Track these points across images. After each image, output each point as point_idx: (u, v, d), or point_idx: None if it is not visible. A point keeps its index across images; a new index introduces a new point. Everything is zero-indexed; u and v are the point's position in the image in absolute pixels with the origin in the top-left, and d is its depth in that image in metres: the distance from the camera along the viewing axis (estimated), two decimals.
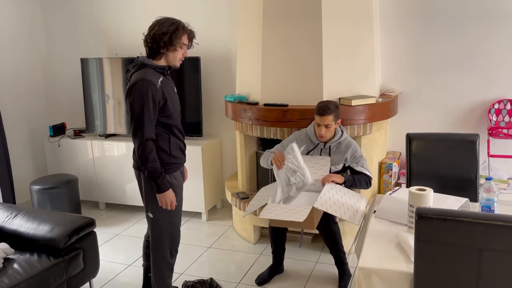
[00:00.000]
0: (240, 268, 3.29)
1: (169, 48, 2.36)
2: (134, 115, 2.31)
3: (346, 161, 2.95)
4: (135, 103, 2.29)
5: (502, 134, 3.51)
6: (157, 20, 2.40)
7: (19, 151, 4.56)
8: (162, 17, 2.42)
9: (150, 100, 2.28)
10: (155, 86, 2.31)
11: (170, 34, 2.33)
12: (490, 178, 2.12)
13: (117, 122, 4.40)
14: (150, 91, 2.28)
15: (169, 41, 2.34)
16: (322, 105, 2.86)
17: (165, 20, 2.38)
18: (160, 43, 2.34)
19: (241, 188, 3.87)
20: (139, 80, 2.29)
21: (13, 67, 4.47)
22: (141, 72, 2.35)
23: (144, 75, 2.31)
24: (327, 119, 2.83)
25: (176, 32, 2.34)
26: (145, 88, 2.28)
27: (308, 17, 3.31)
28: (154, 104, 2.31)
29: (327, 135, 2.89)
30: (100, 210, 4.54)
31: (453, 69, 3.65)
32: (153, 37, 2.34)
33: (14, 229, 2.76)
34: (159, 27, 2.34)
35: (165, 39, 2.33)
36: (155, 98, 2.31)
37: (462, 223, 1.54)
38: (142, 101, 2.28)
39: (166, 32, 2.32)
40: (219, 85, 4.28)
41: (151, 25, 2.40)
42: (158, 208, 2.47)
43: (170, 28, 2.33)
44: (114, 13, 4.52)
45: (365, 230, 2.29)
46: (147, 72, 2.34)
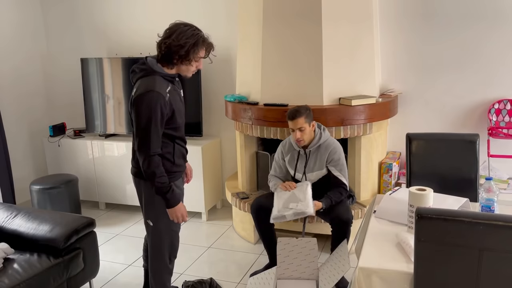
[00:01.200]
0: (240, 268, 3.29)
1: (184, 61, 2.21)
2: (140, 130, 2.16)
3: (327, 163, 2.96)
4: (142, 117, 2.14)
5: (502, 134, 3.51)
6: (176, 26, 2.20)
7: (19, 151, 4.56)
8: (181, 22, 2.21)
9: (158, 114, 2.14)
10: (164, 99, 2.15)
11: (188, 48, 2.16)
12: (490, 178, 2.12)
13: (117, 122, 4.40)
14: (158, 105, 2.13)
15: (185, 55, 2.18)
16: (291, 110, 2.89)
17: (185, 29, 2.17)
18: (175, 55, 2.18)
19: (241, 188, 3.87)
20: (148, 92, 2.13)
21: (13, 67, 4.48)
22: (149, 80, 2.18)
23: (153, 86, 2.15)
24: (298, 122, 2.84)
25: (194, 46, 2.18)
26: (154, 102, 2.12)
27: (308, 17, 3.31)
28: (162, 118, 2.17)
29: (304, 138, 2.90)
30: (100, 210, 4.54)
31: (453, 69, 3.65)
32: (168, 46, 2.16)
33: (14, 229, 2.76)
34: (176, 37, 2.15)
35: (181, 53, 2.17)
36: (163, 112, 2.16)
37: (462, 223, 1.54)
38: (150, 116, 2.13)
39: (183, 45, 2.15)
40: (219, 85, 4.28)
41: (168, 30, 2.20)
42: (159, 216, 2.38)
43: (188, 41, 2.16)
44: (114, 13, 4.52)
45: (365, 230, 2.29)
46: (156, 82, 2.17)
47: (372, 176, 3.59)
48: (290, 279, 2.86)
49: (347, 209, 2.90)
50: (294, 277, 2.84)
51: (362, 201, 3.52)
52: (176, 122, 2.29)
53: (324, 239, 3.61)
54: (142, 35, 4.45)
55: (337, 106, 3.33)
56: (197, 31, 2.23)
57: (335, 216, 2.84)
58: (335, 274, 2.61)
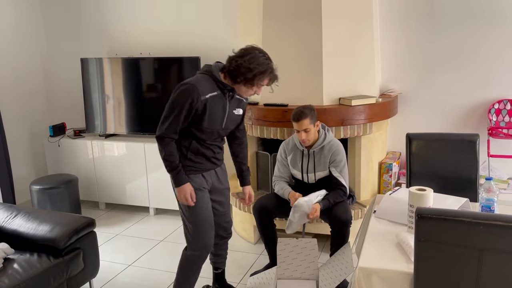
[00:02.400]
0: (240, 268, 3.29)
1: (246, 83, 2.29)
2: (165, 111, 2.31)
3: (329, 164, 2.96)
4: (171, 101, 2.28)
5: (502, 134, 3.51)
6: (252, 49, 2.29)
7: (19, 151, 4.56)
8: (257, 48, 2.30)
9: (184, 106, 2.24)
10: (198, 96, 2.24)
11: (255, 73, 2.25)
12: (490, 178, 2.12)
13: (117, 122, 4.40)
14: (189, 98, 2.23)
15: (250, 79, 2.26)
16: (296, 111, 2.88)
17: (259, 55, 2.27)
18: (241, 76, 2.26)
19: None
20: (187, 83, 2.25)
21: (13, 67, 4.48)
22: (198, 76, 2.31)
23: (196, 82, 2.26)
24: (303, 124, 2.83)
25: (261, 74, 2.27)
26: (186, 93, 2.23)
27: (308, 17, 3.31)
28: (187, 111, 2.27)
29: (308, 138, 2.90)
30: (100, 210, 4.54)
31: (453, 69, 3.65)
32: (238, 65, 2.24)
33: (14, 229, 2.76)
34: (249, 60, 2.24)
35: (248, 76, 2.25)
36: (192, 106, 2.26)
37: (462, 223, 1.54)
38: (176, 103, 2.25)
39: (252, 69, 2.23)
40: None
41: (244, 50, 2.28)
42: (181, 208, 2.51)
43: (258, 68, 2.24)
44: (114, 13, 4.52)
45: (365, 230, 2.29)
46: (202, 80, 2.29)
47: (372, 176, 3.59)
48: (290, 279, 2.86)
49: (346, 209, 2.90)
50: (294, 277, 2.85)
51: (362, 201, 3.52)
52: (202, 125, 2.34)
53: (324, 239, 3.61)
54: (142, 35, 4.45)
55: (337, 106, 3.33)
56: (269, 60, 2.31)
57: (334, 217, 2.84)
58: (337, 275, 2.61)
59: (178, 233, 3.89)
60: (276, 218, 3.13)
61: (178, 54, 4.33)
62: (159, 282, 3.15)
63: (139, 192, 4.31)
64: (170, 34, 4.36)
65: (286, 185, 3.08)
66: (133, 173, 4.28)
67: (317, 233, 3.50)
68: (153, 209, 4.37)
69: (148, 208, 4.40)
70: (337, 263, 2.70)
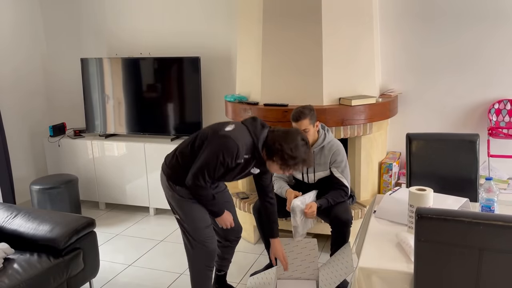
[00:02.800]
0: (240, 268, 3.29)
1: (282, 166, 2.28)
2: (205, 158, 2.28)
3: (330, 164, 2.96)
4: (214, 154, 2.25)
5: (502, 134, 3.51)
6: (295, 134, 2.29)
7: (19, 151, 4.56)
8: (300, 133, 2.30)
9: (225, 164, 2.26)
10: (238, 159, 2.27)
11: (296, 162, 2.25)
12: (490, 178, 2.12)
13: (117, 122, 4.40)
14: (230, 157, 2.24)
15: (288, 165, 2.27)
16: (296, 111, 2.87)
17: (301, 143, 2.27)
18: (281, 160, 2.25)
19: (241, 188, 3.87)
20: (234, 142, 2.23)
21: (13, 67, 4.48)
22: (245, 137, 2.29)
23: (242, 143, 2.26)
24: (303, 124, 2.83)
25: (302, 163, 2.28)
26: (231, 153, 2.23)
27: (308, 17, 3.31)
28: (225, 167, 2.29)
29: (308, 138, 2.89)
30: (100, 210, 4.54)
31: (453, 69, 3.65)
32: (280, 150, 2.23)
33: (14, 229, 2.76)
34: (293, 148, 2.23)
35: (289, 163, 2.25)
36: (229, 164, 2.28)
37: (462, 223, 1.54)
38: (219, 159, 2.24)
39: (294, 157, 2.23)
40: (219, 85, 4.28)
41: (287, 134, 2.27)
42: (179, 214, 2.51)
43: (299, 158, 2.25)
44: (114, 13, 4.52)
45: (365, 230, 2.29)
46: (246, 144, 2.28)
47: (372, 176, 3.59)
48: (290, 279, 2.86)
49: (347, 209, 2.89)
50: (294, 277, 2.85)
51: (362, 201, 3.52)
52: (225, 174, 2.38)
53: (324, 239, 3.61)
54: (142, 35, 4.45)
55: (337, 106, 3.33)
56: (308, 148, 2.31)
57: (334, 217, 2.84)
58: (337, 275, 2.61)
59: (178, 233, 3.89)
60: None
61: (178, 54, 4.33)
62: (159, 282, 3.15)
63: (139, 192, 4.31)
64: (170, 34, 4.36)
65: (284, 184, 3.09)
66: (133, 173, 4.28)
67: (317, 233, 3.50)
68: (153, 209, 4.37)
69: (148, 208, 4.40)
70: (337, 263, 2.70)
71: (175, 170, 2.44)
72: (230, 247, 2.80)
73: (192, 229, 2.48)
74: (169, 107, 4.23)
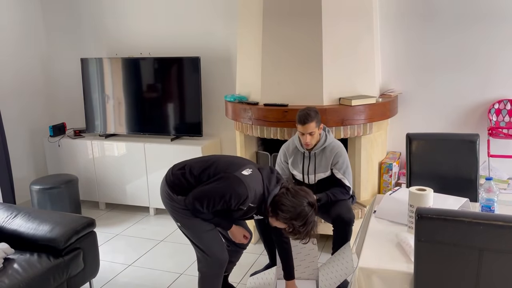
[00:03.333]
0: (240, 268, 3.29)
1: (284, 224, 2.24)
2: (213, 191, 2.25)
3: (332, 165, 2.96)
4: (223, 193, 2.22)
5: (502, 134, 3.51)
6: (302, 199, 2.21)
7: (19, 151, 4.56)
8: (309, 202, 2.22)
9: (228, 203, 2.23)
10: (243, 204, 2.24)
11: (307, 231, 2.22)
12: (490, 178, 2.12)
13: (117, 122, 4.40)
14: (236, 202, 2.22)
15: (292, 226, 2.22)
16: (302, 113, 2.85)
17: (308, 211, 2.20)
18: (288, 223, 2.21)
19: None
20: (246, 189, 2.21)
21: (13, 67, 4.47)
22: (258, 188, 2.26)
23: (252, 193, 2.23)
24: (309, 127, 2.81)
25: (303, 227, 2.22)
26: (240, 199, 2.21)
27: (308, 17, 3.31)
28: (225, 205, 2.26)
29: (312, 142, 2.89)
30: (100, 210, 4.54)
31: (453, 69, 3.65)
32: (290, 219, 2.19)
33: (14, 229, 2.76)
34: (301, 220, 2.18)
35: (294, 225, 2.19)
36: (232, 206, 2.25)
37: (462, 223, 1.54)
38: (226, 199, 2.22)
39: (303, 226, 2.18)
40: (219, 85, 4.28)
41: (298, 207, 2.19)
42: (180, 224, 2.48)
43: (307, 225, 2.20)
44: (114, 13, 4.52)
45: (365, 230, 2.29)
46: (257, 194, 2.26)
47: (372, 176, 3.59)
48: None
49: (349, 209, 2.89)
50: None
51: (362, 201, 3.52)
52: (226, 214, 2.38)
53: (324, 239, 3.61)
54: (142, 35, 4.45)
55: (337, 106, 3.33)
56: (313, 212, 2.24)
57: (336, 216, 2.84)
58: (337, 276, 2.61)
59: (178, 233, 3.89)
60: None
61: (178, 54, 4.32)
62: (159, 282, 3.15)
63: (139, 192, 4.31)
64: (170, 34, 4.36)
65: None
66: (133, 173, 4.28)
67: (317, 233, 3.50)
68: (153, 209, 4.37)
69: (148, 208, 4.40)
70: (337, 263, 2.69)
71: (180, 181, 2.38)
72: (238, 252, 2.79)
73: (195, 236, 2.45)
74: (169, 107, 4.23)
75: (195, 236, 2.45)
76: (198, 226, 2.42)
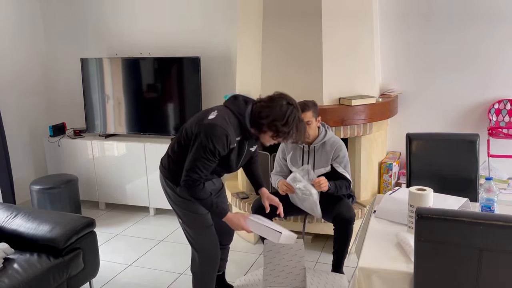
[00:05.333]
0: (240, 268, 3.29)
1: (273, 136, 2.21)
2: (195, 154, 2.18)
3: (332, 160, 2.97)
4: (204, 147, 2.16)
5: (502, 134, 3.51)
6: (279, 99, 2.19)
7: (19, 151, 4.56)
8: (284, 97, 2.20)
9: (216, 153, 2.17)
10: (230, 144, 2.18)
11: (290, 132, 2.17)
12: (490, 178, 2.12)
13: (117, 122, 4.40)
14: (221, 146, 2.15)
15: (278, 134, 2.18)
16: (300, 103, 2.85)
17: (295, 115, 2.18)
18: (273, 132, 2.18)
19: (241, 188, 3.87)
20: (222, 129, 2.14)
21: (13, 67, 4.47)
22: (230, 119, 2.20)
23: (227, 128, 2.15)
24: (306, 116, 2.84)
25: (293, 133, 2.19)
26: (221, 141, 2.14)
27: (308, 17, 3.31)
28: (219, 155, 2.19)
29: (309, 132, 2.91)
30: (100, 210, 4.54)
31: (453, 69, 3.65)
32: (273, 124, 2.14)
33: (14, 229, 2.76)
34: (286, 123, 2.14)
35: (280, 131, 2.15)
36: (221, 152, 2.18)
37: (462, 223, 1.54)
38: (210, 150, 2.15)
39: (286, 123, 2.14)
40: (219, 85, 4.28)
41: (271, 102, 2.17)
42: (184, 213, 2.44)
43: (292, 127, 2.16)
44: (114, 13, 4.52)
45: (365, 230, 2.29)
46: (233, 126, 2.19)
47: (372, 176, 3.59)
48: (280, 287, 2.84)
49: (349, 207, 2.90)
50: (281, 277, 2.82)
51: (362, 201, 3.52)
52: (217, 168, 2.31)
53: (324, 239, 3.61)
54: (142, 35, 4.45)
55: (337, 106, 3.33)
56: (295, 109, 2.21)
57: (337, 215, 2.84)
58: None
59: (178, 233, 3.89)
60: (276, 218, 3.13)
61: (178, 54, 4.32)
62: (159, 282, 3.15)
63: (139, 192, 4.31)
64: (170, 34, 4.36)
65: (279, 177, 3.09)
66: (133, 173, 4.28)
67: (317, 233, 3.50)
68: (153, 209, 4.37)
69: (148, 208, 4.40)
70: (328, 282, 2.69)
71: (170, 170, 2.40)
72: (224, 248, 2.79)
73: (193, 231, 2.45)
74: (169, 107, 4.23)
75: (193, 231, 2.44)
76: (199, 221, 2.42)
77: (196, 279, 2.55)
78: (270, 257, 2.76)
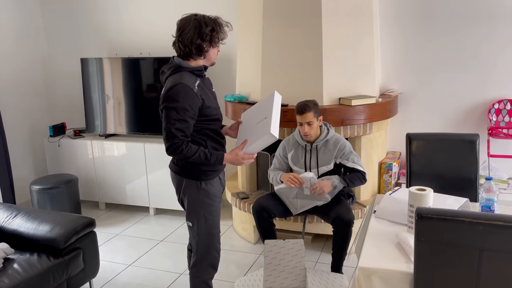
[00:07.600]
0: (240, 268, 3.29)
1: (211, 47, 2.34)
2: (168, 118, 2.21)
3: (336, 158, 2.97)
4: (170, 108, 2.19)
5: (502, 134, 3.51)
6: (186, 20, 2.40)
7: (19, 151, 4.56)
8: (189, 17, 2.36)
9: (186, 105, 2.17)
10: (192, 91, 2.19)
11: (215, 36, 2.34)
12: (490, 178, 2.12)
13: (117, 122, 4.40)
14: (186, 97, 2.17)
15: (211, 42, 2.34)
16: (300, 103, 2.91)
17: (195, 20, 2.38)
18: (202, 41, 2.30)
19: (241, 188, 3.87)
20: (176, 85, 2.18)
21: (13, 67, 4.48)
22: (176, 75, 2.25)
23: (181, 79, 2.20)
24: (307, 116, 2.86)
25: (218, 32, 2.37)
26: (182, 93, 2.17)
27: (308, 17, 3.31)
28: (190, 108, 2.19)
29: (311, 132, 2.92)
30: (100, 210, 4.54)
31: (453, 69, 3.65)
32: (201, 36, 2.31)
33: (14, 229, 2.76)
34: (205, 23, 2.36)
35: (211, 32, 2.34)
36: (193, 103, 2.19)
37: (462, 223, 1.54)
38: (177, 105, 2.17)
39: (215, 28, 2.33)
40: (219, 85, 4.27)
41: (182, 25, 2.39)
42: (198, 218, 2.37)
43: (208, 29, 2.34)
44: (114, 13, 4.52)
45: (365, 230, 2.29)
46: (184, 76, 2.23)
47: (372, 176, 3.59)
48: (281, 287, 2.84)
49: (349, 209, 2.90)
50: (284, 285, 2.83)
51: (362, 201, 3.53)
52: (208, 114, 2.29)
53: (324, 239, 3.61)
54: (142, 35, 4.45)
55: (337, 106, 3.33)
56: (203, 17, 2.44)
57: (336, 217, 2.84)
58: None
59: (178, 233, 3.89)
60: (276, 218, 3.13)
61: None
62: (159, 282, 3.15)
63: (139, 192, 4.31)
64: (170, 34, 4.33)
65: (280, 171, 3.08)
66: (133, 173, 4.28)
67: (317, 233, 3.50)
68: (153, 209, 4.37)
69: (148, 208, 4.40)
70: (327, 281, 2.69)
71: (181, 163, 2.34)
72: None
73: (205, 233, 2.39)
74: None
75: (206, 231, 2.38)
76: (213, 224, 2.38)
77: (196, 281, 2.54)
78: (271, 257, 2.76)
